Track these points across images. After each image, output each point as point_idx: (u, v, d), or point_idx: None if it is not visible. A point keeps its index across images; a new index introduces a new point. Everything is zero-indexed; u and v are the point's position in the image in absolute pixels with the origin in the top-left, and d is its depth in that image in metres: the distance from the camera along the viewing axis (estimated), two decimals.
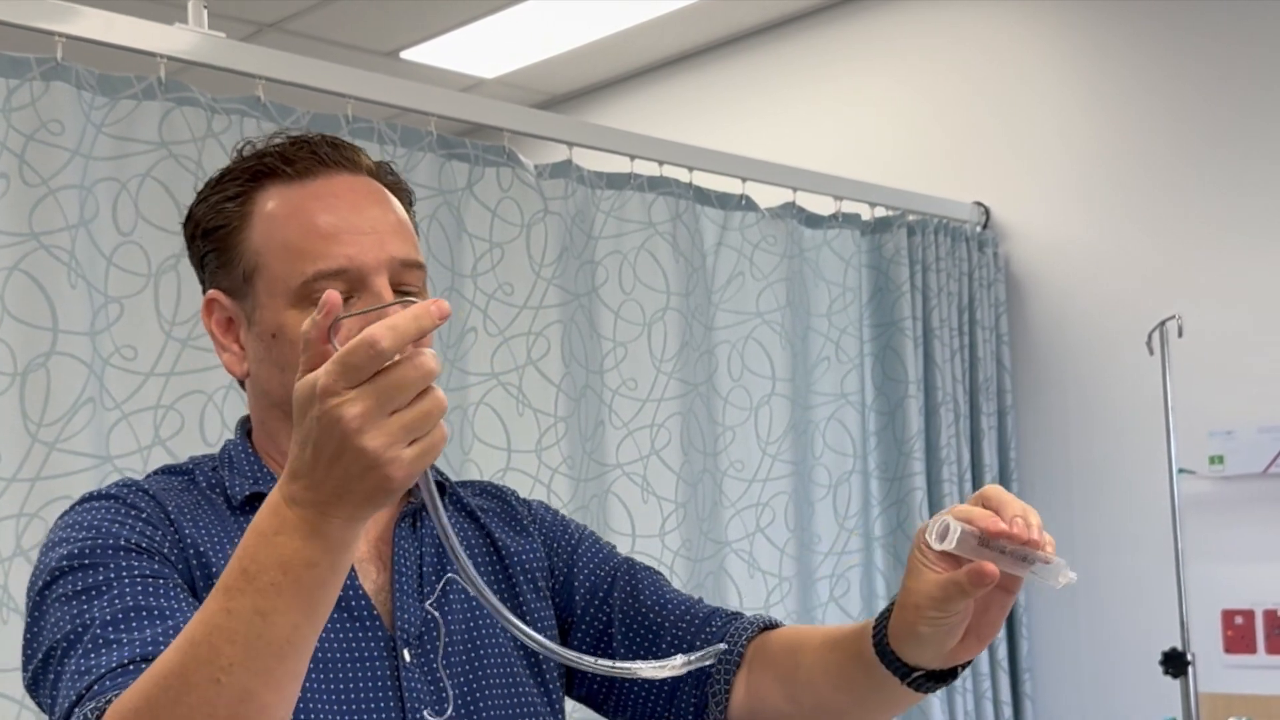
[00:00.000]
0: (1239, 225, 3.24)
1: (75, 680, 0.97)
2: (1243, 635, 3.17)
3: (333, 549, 0.86)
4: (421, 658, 1.15)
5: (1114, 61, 3.47)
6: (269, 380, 1.15)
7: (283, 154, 1.16)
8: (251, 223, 1.15)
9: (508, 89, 4.50)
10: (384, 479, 0.83)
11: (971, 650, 1.08)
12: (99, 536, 1.07)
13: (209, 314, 1.19)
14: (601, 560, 1.31)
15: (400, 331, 0.82)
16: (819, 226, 3.24)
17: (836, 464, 3.19)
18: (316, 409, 0.83)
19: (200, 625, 0.87)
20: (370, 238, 1.12)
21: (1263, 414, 3.14)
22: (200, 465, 1.20)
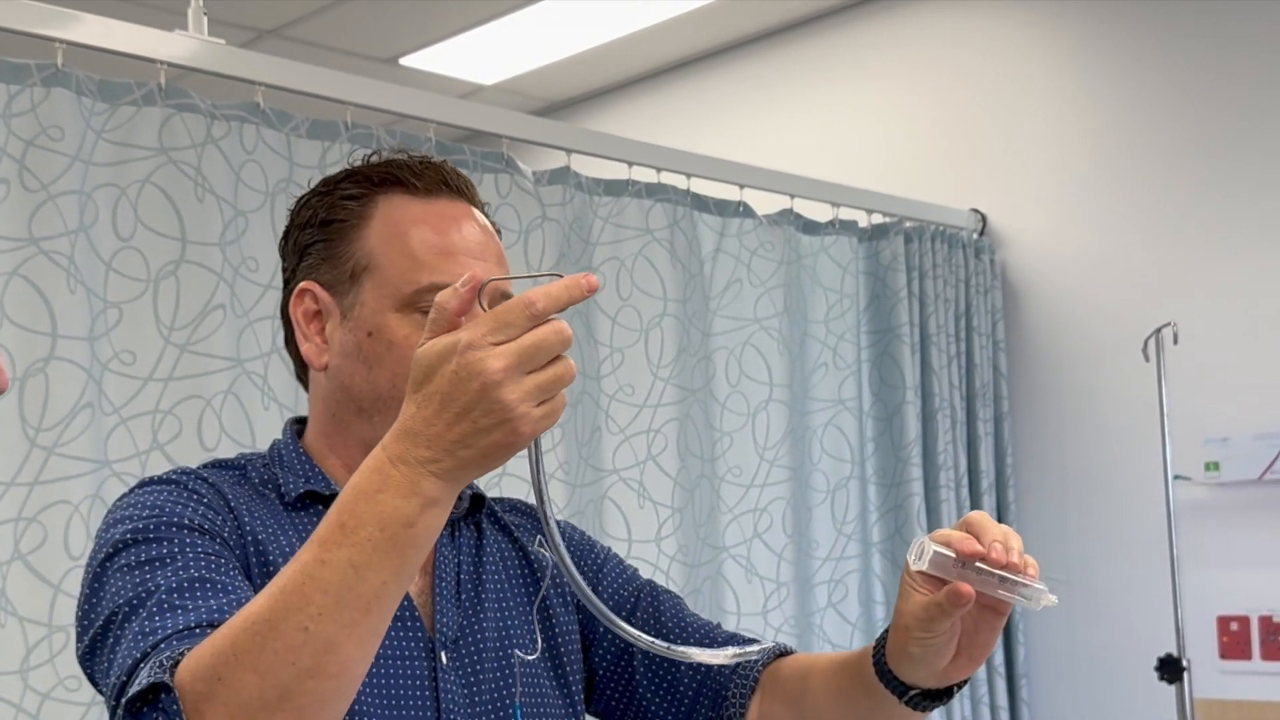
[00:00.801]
0: (1235, 233, 3.25)
1: (139, 640, 0.98)
2: (1238, 641, 3.17)
3: (431, 509, 0.90)
4: (457, 661, 1.18)
5: (1110, 70, 3.48)
6: (353, 375, 1.18)
7: (412, 166, 1.20)
8: (370, 224, 1.19)
9: (506, 95, 4.51)
10: (511, 432, 0.88)
11: (964, 670, 1.11)
12: (162, 515, 1.09)
13: (298, 302, 1.21)
14: (625, 580, 1.35)
15: (553, 297, 0.89)
16: (816, 233, 3.25)
17: (834, 469, 3.20)
18: (455, 362, 0.88)
19: (294, 574, 0.90)
20: (481, 265, 1.17)
21: (1258, 421, 3.15)
22: (251, 461, 1.23)
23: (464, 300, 0.92)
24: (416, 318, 1.15)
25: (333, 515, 0.91)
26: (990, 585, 1.06)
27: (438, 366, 0.89)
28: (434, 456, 0.89)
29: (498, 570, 1.26)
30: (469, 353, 0.88)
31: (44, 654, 1.94)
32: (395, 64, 4.24)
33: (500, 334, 0.88)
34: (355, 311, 1.17)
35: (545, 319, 0.89)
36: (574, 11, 3.90)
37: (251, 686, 0.88)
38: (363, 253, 1.18)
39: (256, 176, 2.25)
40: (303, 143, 2.32)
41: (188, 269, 2.15)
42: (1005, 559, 1.05)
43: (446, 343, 0.89)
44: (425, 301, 1.14)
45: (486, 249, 1.19)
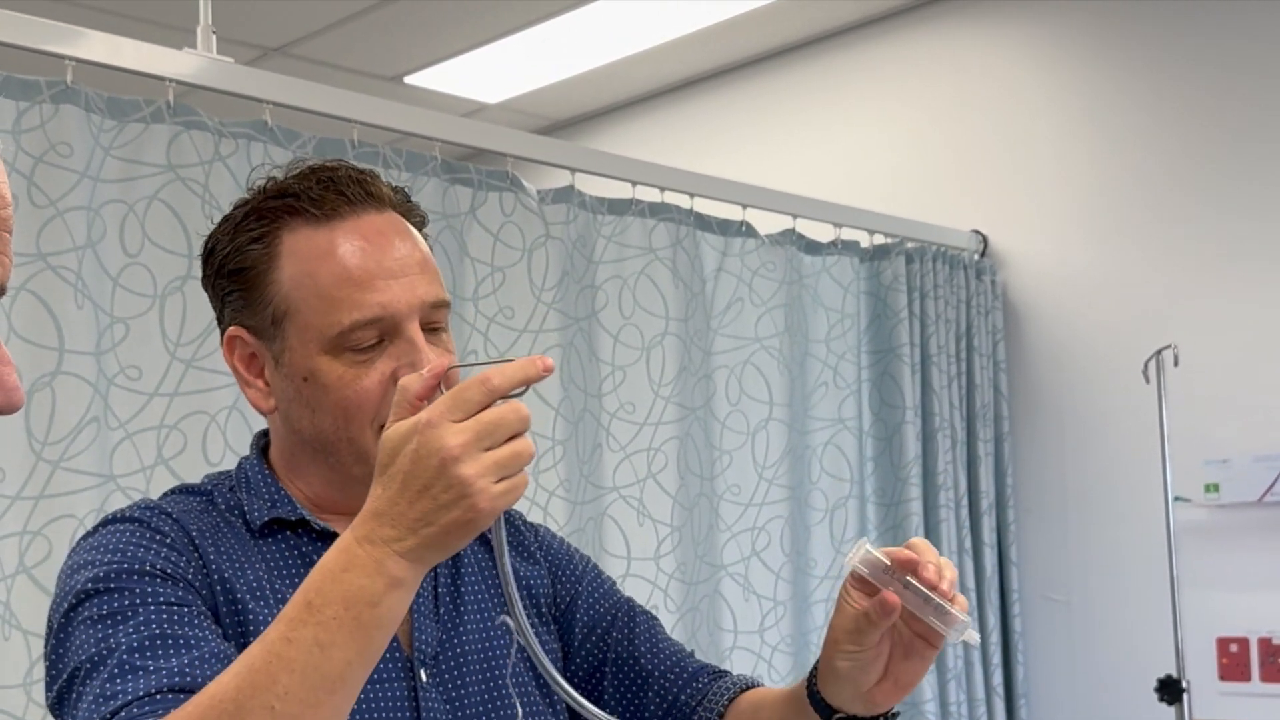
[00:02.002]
0: (1236, 256, 3.26)
1: (99, 704, 0.98)
2: (1238, 663, 3.18)
3: (396, 589, 0.91)
4: (438, 678, 1.16)
5: (1112, 92, 3.50)
6: (299, 419, 1.16)
7: (307, 193, 1.15)
8: (279, 264, 1.14)
9: (511, 114, 4.53)
10: (471, 508, 0.89)
11: (890, 696, 1.12)
12: (124, 561, 1.08)
13: (230, 350, 1.19)
14: (602, 596, 1.34)
15: (509, 375, 0.92)
16: (818, 253, 3.27)
17: (833, 489, 3.21)
18: (415, 441, 0.90)
19: (260, 653, 0.91)
20: (400, 282, 1.13)
21: (1258, 443, 3.16)
22: (219, 486, 1.21)
23: (426, 385, 0.94)
24: (348, 355, 1.12)
25: (300, 594, 0.92)
26: (918, 605, 1.08)
27: (400, 447, 0.91)
28: (398, 535, 0.90)
29: (477, 582, 1.24)
30: (428, 430, 0.90)
31: None
32: (400, 82, 4.26)
33: (458, 411, 0.90)
34: (286, 357, 1.14)
35: (502, 396, 0.91)
36: (578, 31, 3.92)
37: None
38: (279, 298, 1.14)
39: None
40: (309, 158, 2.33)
41: (194, 285, 2.15)
42: (935, 581, 1.07)
43: (409, 424, 0.91)
44: (352, 340, 1.11)
45: (404, 263, 1.14)
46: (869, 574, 1.09)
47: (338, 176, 1.16)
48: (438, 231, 2.50)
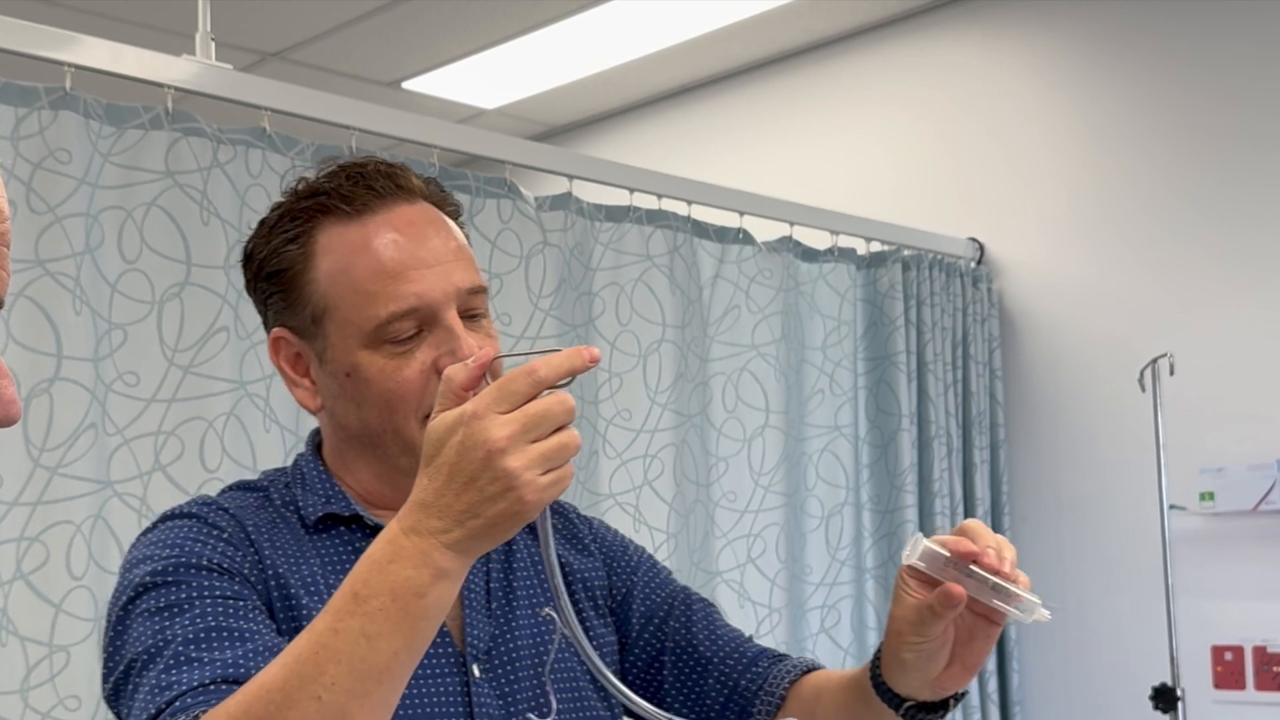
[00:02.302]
0: (1231, 265, 3.27)
1: (154, 695, 0.99)
2: (1232, 671, 3.18)
3: (442, 581, 0.91)
4: (490, 673, 1.17)
5: (1108, 101, 3.51)
6: (345, 415, 1.17)
7: (338, 190, 1.16)
8: (315, 264, 1.16)
9: (508, 120, 4.54)
10: (516, 500, 0.89)
11: (958, 680, 1.11)
12: (181, 555, 1.09)
13: (276, 351, 1.20)
14: (659, 585, 1.34)
15: (555, 366, 0.91)
16: (815, 260, 3.27)
17: (829, 496, 3.21)
18: (461, 433, 0.90)
19: (308, 643, 0.91)
20: (435, 271, 1.14)
21: (1253, 452, 3.17)
22: (274, 482, 1.23)
23: (471, 375, 0.94)
24: (387, 347, 1.13)
25: (347, 585, 0.92)
26: (983, 591, 1.06)
27: (446, 438, 0.91)
28: (444, 527, 0.90)
29: (529, 576, 1.25)
30: (474, 422, 0.90)
31: (44, 673, 1.95)
32: (398, 87, 4.26)
33: (504, 403, 0.90)
34: (328, 354, 1.16)
35: (549, 388, 0.90)
36: (577, 37, 3.93)
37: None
38: (317, 296, 1.16)
39: (262, 200, 2.27)
40: (308, 168, 2.34)
41: (192, 291, 2.17)
42: (997, 566, 1.05)
43: (454, 415, 0.91)
44: (391, 332, 1.12)
45: (437, 252, 1.15)
46: (928, 569, 1.07)
47: (366, 171, 1.18)
48: None
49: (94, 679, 1.99)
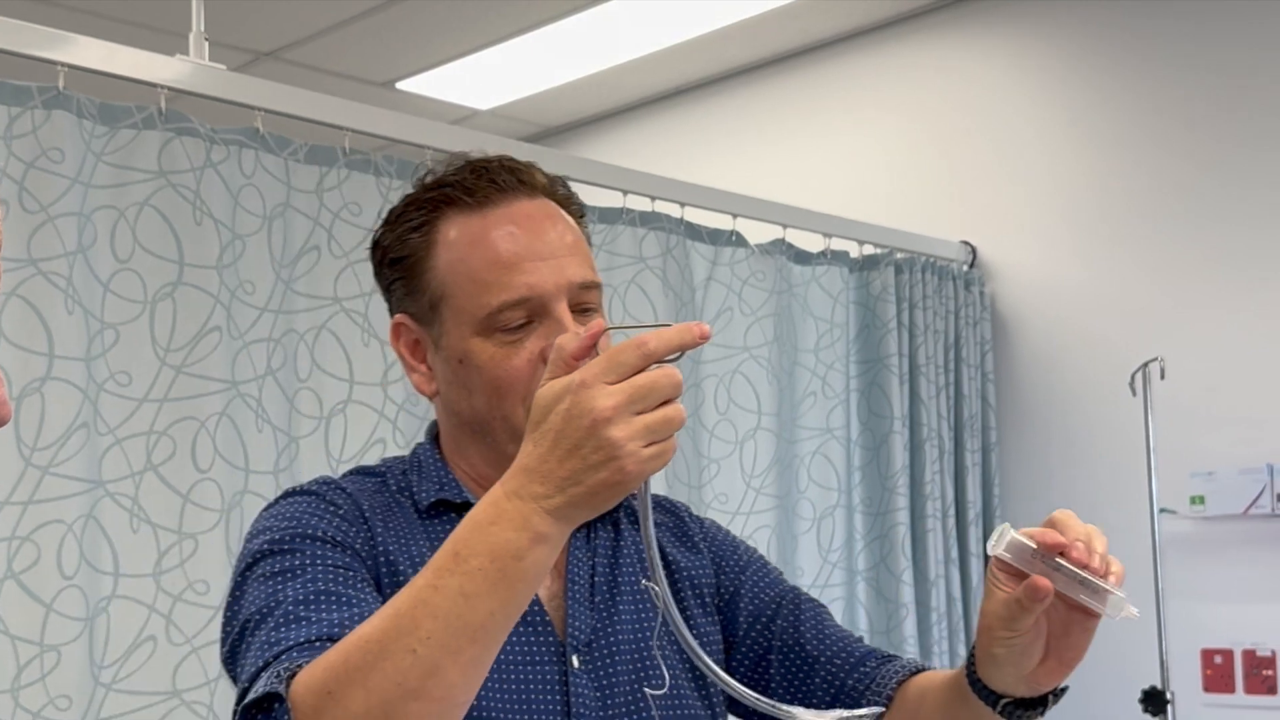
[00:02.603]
0: (1223, 269, 3.28)
1: (263, 651, 1.03)
2: (1222, 675, 3.19)
3: (541, 545, 0.92)
4: (589, 665, 1.19)
5: (1101, 105, 3.52)
6: (458, 401, 1.22)
7: (462, 183, 1.21)
8: (435, 252, 1.20)
9: (501, 121, 4.54)
10: (618, 470, 0.90)
11: (1054, 675, 1.10)
12: (299, 526, 1.14)
13: (397, 337, 1.26)
14: (767, 585, 1.34)
15: (666, 340, 0.92)
16: (808, 263, 3.28)
17: (821, 498, 3.22)
18: (568, 401, 0.91)
19: (407, 598, 0.93)
20: (549, 264, 1.17)
21: (1243, 456, 3.18)
22: (392, 469, 1.27)
23: (583, 345, 0.95)
24: (498, 336, 1.17)
25: (449, 544, 0.94)
26: (1071, 585, 1.03)
27: (553, 406, 0.92)
28: (546, 493, 0.92)
29: (634, 570, 1.26)
30: (581, 391, 0.91)
31: (35, 673, 1.95)
32: (392, 88, 4.26)
33: (612, 374, 0.91)
34: (443, 340, 1.20)
35: (657, 361, 0.92)
36: (570, 39, 3.93)
37: (358, 703, 0.91)
38: (435, 283, 1.20)
39: (254, 200, 2.27)
40: (301, 167, 2.34)
41: (185, 291, 2.17)
42: (1085, 559, 1.04)
43: (562, 383, 0.93)
44: (501, 320, 1.16)
45: (553, 246, 1.18)
46: (1014, 560, 1.05)
47: (491, 166, 1.22)
48: None
49: (84, 678, 1.99)
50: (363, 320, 2.39)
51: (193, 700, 2.09)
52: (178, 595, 2.10)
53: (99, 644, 2.02)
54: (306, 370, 2.32)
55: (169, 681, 2.07)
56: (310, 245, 2.34)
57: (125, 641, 2.04)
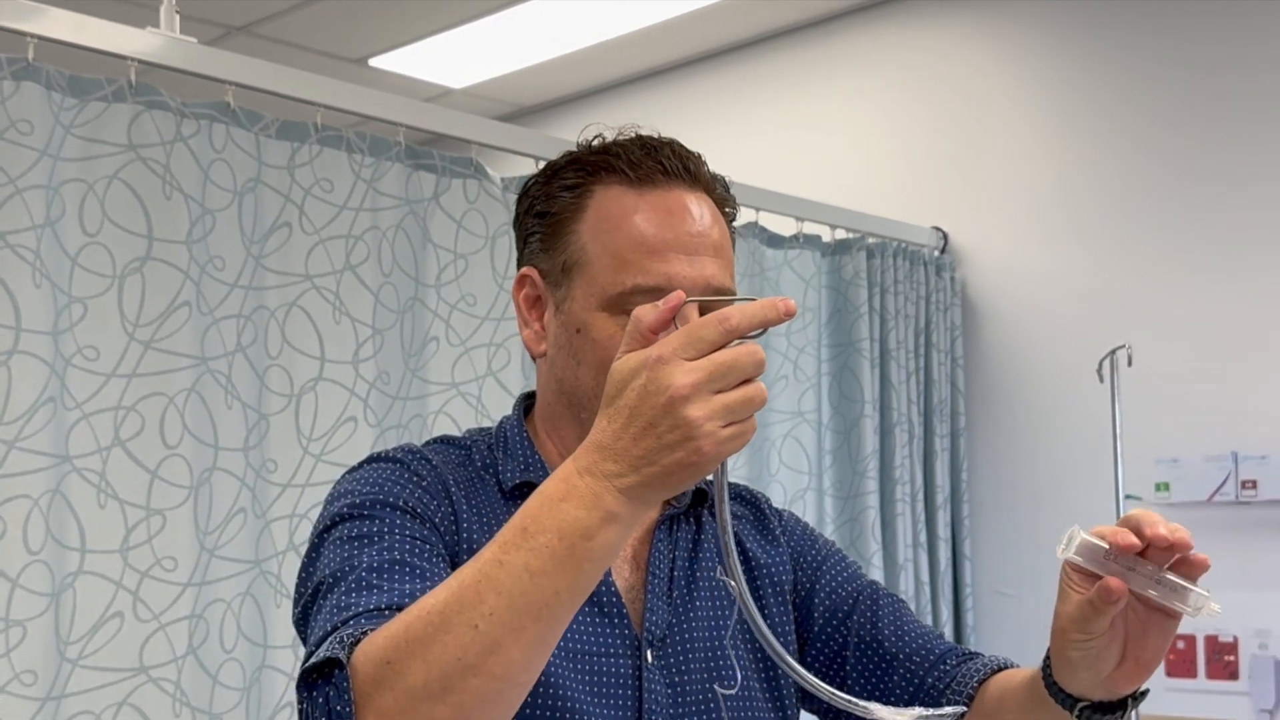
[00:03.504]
0: (1191, 259, 3.30)
1: (333, 614, 1.01)
2: (1184, 660, 3.22)
3: (611, 525, 0.89)
4: (663, 660, 1.17)
5: (1073, 93, 3.53)
6: (564, 368, 1.18)
7: (629, 155, 1.18)
8: (584, 218, 1.18)
9: (475, 100, 4.52)
10: (695, 451, 0.87)
11: (1132, 678, 1.05)
12: (379, 493, 1.12)
13: (520, 288, 1.22)
14: (845, 580, 1.32)
15: (749, 315, 0.89)
16: (780, 247, 3.28)
17: (792, 481, 3.23)
18: (644, 376, 0.88)
19: (472, 572, 0.91)
20: (692, 260, 1.14)
21: (1208, 443, 3.20)
22: (477, 443, 1.23)
23: (661, 317, 0.91)
24: (623, 318, 1.13)
25: (517, 518, 0.91)
26: (1145, 584, 0.99)
27: (629, 381, 0.89)
28: (619, 471, 0.89)
29: (713, 566, 1.24)
30: (659, 367, 0.87)
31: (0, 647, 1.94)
32: (365, 64, 4.24)
33: (691, 349, 0.87)
34: (566, 305, 1.17)
35: (739, 338, 0.88)
36: (546, 18, 3.92)
37: (418, 675, 0.89)
38: (575, 247, 1.17)
39: (225, 175, 2.26)
40: (272, 143, 2.33)
41: (153, 266, 2.16)
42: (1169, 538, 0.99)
43: (639, 358, 0.89)
44: (630, 302, 1.12)
45: (700, 242, 1.15)
46: (1086, 563, 1.01)
47: (660, 145, 1.20)
48: (400, 218, 2.49)
49: (50, 654, 1.98)
50: (334, 298, 2.38)
51: (160, 677, 2.08)
52: (145, 571, 2.09)
53: (65, 620, 2.00)
54: (277, 347, 2.31)
55: (136, 658, 2.06)
56: (281, 221, 2.33)
57: (91, 617, 2.03)
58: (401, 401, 2.47)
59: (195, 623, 2.13)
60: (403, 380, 2.48)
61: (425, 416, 2.51)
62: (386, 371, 2.45)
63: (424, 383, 2.52)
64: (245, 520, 2.23)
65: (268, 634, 2.23)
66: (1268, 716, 3.08)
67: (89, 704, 2.01)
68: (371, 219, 2.44)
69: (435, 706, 0.89)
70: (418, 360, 2.52)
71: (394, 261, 2.48)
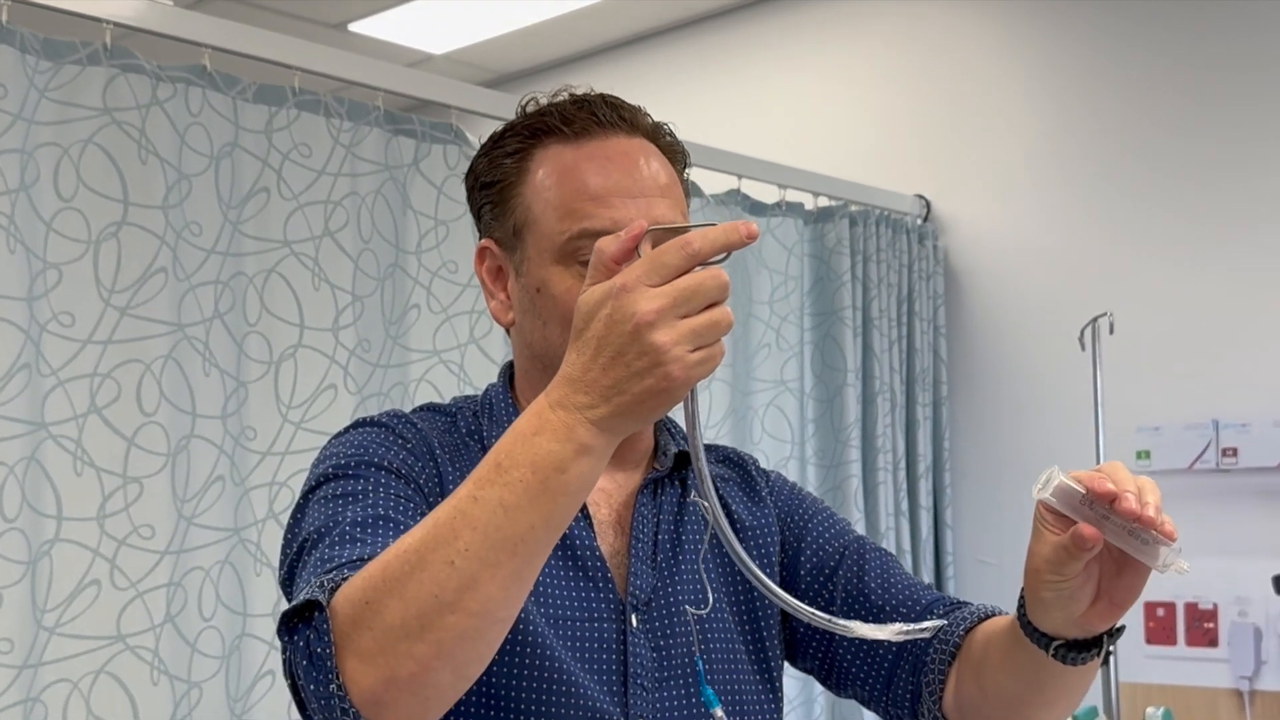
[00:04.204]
0: (1172, 228, 3.30)
1: (317, 568, 1.02)
2: (1164, 627, 3.24)
3: (585, 457, 0.89)
4: (647, 624, 1.17)
5: (1057, 61, 3.52)
6: (531, 332, 1.19)
7: (562, 113, 1.19)
8: (526, 179, 1.18)
9: (456, 65, 4.49)
10: (664, 377, 0.87)
11: (1107, 617, 1.05)
12: (365, 455, 1.13)
13: (480, 261, 1.23)
14: (832, 536, 1.31)
15: (711, 239, 0.88)
16: (763, 214, 3.27)
17: (774, 450, 3.22)
18: (610, 306, 0.88)
19: (446, 509, 0.91)
20: (637, 201, 1.15)
21: (1189, 412, 3.21)
22: (463, 410, 1.24)
23: (623, 246, 0.91)
24: (577, 269, 1.14)
25: (491, 455, 0.91)
26: (1119, 534, 0.99)
27: (595, 312, 0.89)
28: (590, 403, 0.89)
29: (698, 530, 1.24)
30: (623, 295, 0.87)
31: None
32: (344, 30, 4.20)
33: (655, 276, 0.88)
34: (524, 268, 1.18)
35: (702, 262, 0.88)
36: None
37: (395, 613, 0.89)
38: (522, 208, 1.18)
39: (201, 140, 2.23)
40: (249, 107, 2.30)
41: (129, 231, 2.13)
42: (1138, 511, 0.98)
43: (604, 288, 0.89)
44: (582, 250, 1.13)
45: (644, 185, 1.16)
46: (1061, 506, 1.00)
47: (593, 99, 1.20)
48: (380, 184, 2.47)
49: (26, 622, 1.96)
50: (313, 264, 2.36)
51: (137, 645, 2.07)
52: (122, 540, 2.08)
53: (41, 588, 1.99)
54: (255, 314, 2.29)
55: (113, 626, 2.05)
56: (259, 187, 2.31)
57: (69, 585, 2.02)
58: (383, 369, 2.45)
59: (173, 591, 2.12)
60: (384, 348, 2.46)
61: (407, 384, 2.50)
62: (367, 339, 2.43)
63: (405, 350, 2.51)
64: (224, 488, 2.21)
65: (247, 602, 2.22)
66: (1247, 683, 3.10)
67: (66, 672, 2.00)
68: (351, 184, 2.42)
69: (414, 645, 0.89)
70: (399, 328, 2.50)
71: (374, 228, 2.46)
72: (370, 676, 0.90)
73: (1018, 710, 1.16)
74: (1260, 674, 3.10)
